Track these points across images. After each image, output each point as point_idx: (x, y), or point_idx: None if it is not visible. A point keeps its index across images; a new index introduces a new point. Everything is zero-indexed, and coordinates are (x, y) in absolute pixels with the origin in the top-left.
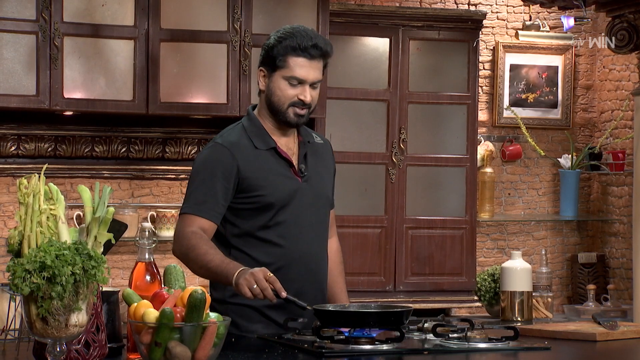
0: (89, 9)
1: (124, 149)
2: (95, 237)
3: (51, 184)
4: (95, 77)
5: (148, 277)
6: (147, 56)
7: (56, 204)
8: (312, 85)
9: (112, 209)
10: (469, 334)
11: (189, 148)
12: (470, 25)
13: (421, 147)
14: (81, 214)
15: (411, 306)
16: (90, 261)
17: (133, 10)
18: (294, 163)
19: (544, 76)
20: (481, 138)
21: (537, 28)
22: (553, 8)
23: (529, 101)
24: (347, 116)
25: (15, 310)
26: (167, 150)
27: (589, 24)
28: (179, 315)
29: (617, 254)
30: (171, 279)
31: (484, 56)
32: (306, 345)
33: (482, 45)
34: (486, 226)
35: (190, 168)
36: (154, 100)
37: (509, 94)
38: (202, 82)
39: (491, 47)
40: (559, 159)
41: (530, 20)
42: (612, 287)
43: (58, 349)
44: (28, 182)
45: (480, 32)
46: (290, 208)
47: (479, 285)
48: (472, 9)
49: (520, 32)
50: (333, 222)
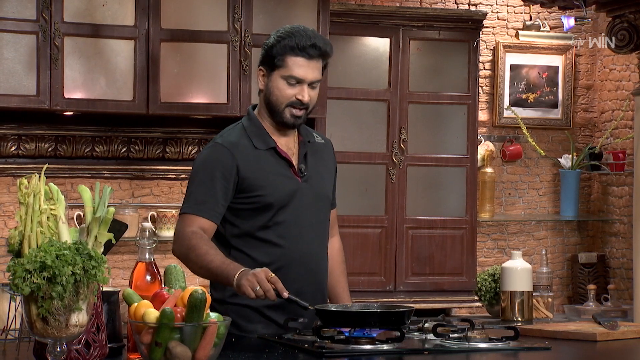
0: (89, 9)
1: (124, 149)
2: (96, 237)
3: (51, 184)
4: (96, 77)
5: (148, 277)
6: (147, 56)
7: (56, 204)
8: (311, 85)
9: (112, 209)
10: (469, 334)
11: (189, 148)
12: (470, 25)
13: (421, 147)
14: (81, 214)
15: (413, 306)
16: (91, 261)
17: (133, 10)
18: (294, 163)
19: (544, 76)
20: (481, 138)
21: (538, 28)
22: (553, 8)
23: (529, 101)
24: (347, 116)
25: (15, 310)
26: (168, 150)
27: (589, 24)
28: (179, 315)
29: (617, 254)
30: (171, 279)
31: (485, 56)
32: (306, 345)
33: (482, 45)
34: (486, 226)
35: (190, 168)
36: (154, 100)
37: (510, 94)
38: (203, 82)
39: (491, 47)
40: (559, 159)
41: (531, 20)
42: (612, 287)
43: (58, 349)
44: (28, 182)
45: (481, 32)
46: (290, 208)
47: (479, 285)
48: (473, 9)
49: (520, 32)
50: (335, 222)
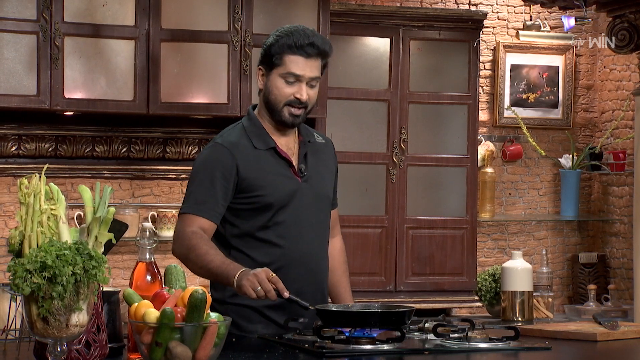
0: (89, 9)
1: (124, 149)
2: (96, 237)
3: (52, 184)
4: (96, 77)
5: (149, 277)
6: (147, 56)
7: (57, 204)
8: (309, 84)
9: (112, 209)
10: (469, 334)
11: (190, 148)
12: (470, 25)
13: (422, 147)
14: (82, 214)
15: (413, 306)
16: (91, 261)
17: (134, 10)
18: (294, 163)
19: (544, 76)
20: (482, 138)
21: (538, 28)
22: (554, 8)
23: (529, 101)
24: (347, 116)
25: (16, 310)
26: (168, 150)
27: (589, 24)
28: (179, 315)
29: (617, 254)
30: (172, 279)
31: (485, 56)
32: (307, 345)
33: (482, 45)
34: (487, 226)
35: (190, 168)
36: (154, 100)
37: (510, 94)
38: (203, 82)
39: (492, 47)
40: (559, 159)
41: (531, 20)
42: (612, 287)
43: (59, 349)
44: (29, 182)
45: (481, 32)
46: (290, 208)
47: (479, 285)
48: (473, 9)
49: (520, 32)
50: (336, 222)
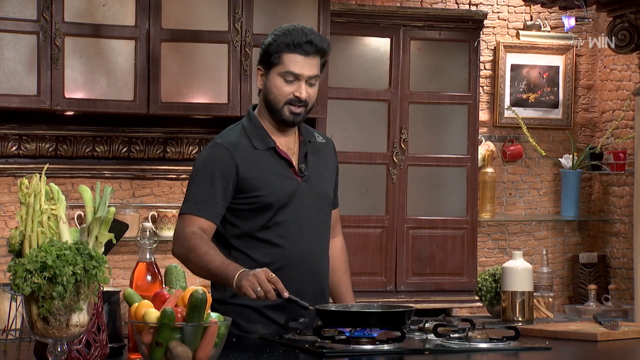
0: (89, 9)
1: (125, 149)
2: (97, 237)
3: (52, 184)
4: (96, 77)
5: (149, 277)
6: (148, 56)
7: (57, 204)
8: (309, 82)
9: (113, 209)
10: (470, 334)
11: (190, 148)
12: (471, 25)
13: (422, 147)
14: (82, 214)
15: (413, 306)
16: (91, 261)
17: (134, 10)
18: (294, 163)
19: (545, 76)
20: (482, 138)
21: (538, 28)
22: (554, 8)
23: (530, 101)
24: (348, 116)
25: (16, 310)
26: (168, 150)
27: (590, 24)
28: (180, 315)
29: (618, 254)
30: (172, 279)
31: (485, 56)
32: (307, 345)
33: (483, 45)
34: (487, 226)
35: (191, 168)
36: (154, 100)
37: (510, 94)
38: (203, 82)
39: (492, 47)
40: (560, 159)
41: (531, 20)
42: (613, 287)
43: (59, 349)
44: (29, 182)
45: (481, 32)
46: (290, 208)
47: (480, 285)
48: (473, 9)
49: (521, 32)
50: (337, 222)
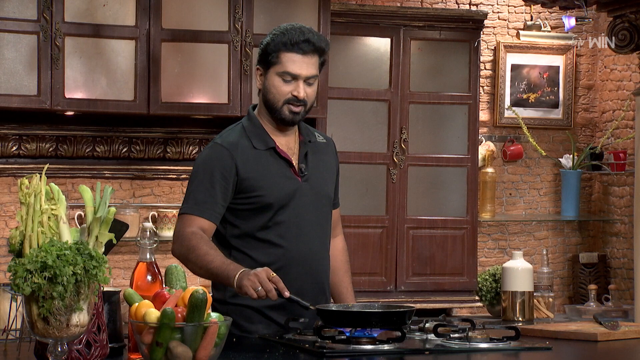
0: (90, 9)
1: (125, 149)
2: (97, 237)
3: (52, 184)
4: (97, 77)
5: (149, 277)
6: (148, 56)
7: (57, 204)
8: (307, 82)
9: (113, 209)
10: (470, 334)
11: (190, 148)
12: (471, 25)
13: (422, 147)
14: (82, 214)
15: (414, 306)
16: (92, 261)
17: (134, 10)
18: (294, 163)
19: (545, 76)
20: (482, 138)
21: (539, 28)
22: (554, 8)
23: (530, 101)
24: (348, 116)
25: (16, 310)
26: (169, 150)
27: (590, 24)
28: (180, 315)
29: (618, 254)
30: (172, 279)
31: (485, 56)
32: (307, 345)
33: (483, 45)
34: (487, 226)
35: (191, 168)
36: (155, 101)
37: (510, 94)
38: (203, 82)
39: (492, 47)
40: (560, 159)
41: (532, 20)
42: (613, 287)
43: (59, 349)
44: (29, 182)
45: (482, 32)
46: (290, 208)
47: (480, 285)
48: (474, 9)
49: (521, 32)
50: (338, 221)
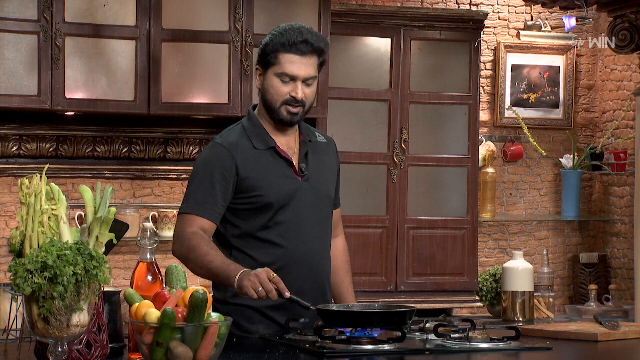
0: (90, 9)
1: (125, 149)
2: (97, 237)
3: (52, 184)
4: (97, 77)
5: (149, 277)
6: (148, 56)
7: (58, 204)
8: (305, 82)
9: (113, 209)
10: (470, 334)
11: (191, 148)
12: (471, 25)
13: (422, 147)
14: (83, 214)
15: (414, 306)
16: (92, 261)
17: (134, 11)
18: (294, 162)
19: (545, 76)
20: (482, 138)
21: (539, 28)
22: (554, 8)
23: (530, 101)
24: (348, 116)
25: (16, 310)
26: (169, 150)
27: (590, 24)
28: (180, 315)
29: (618, 254)
30: (172, 279)
31: (486, 56)
32: (307, 345)
33: (483, 45)
34: (487, 226)
35: (191, 168)
36: (155, 101)
37: (511, 94)
38: (204, 82)
39: (492, 47)
40: (560, 159)
41: (532, 20)
42: (613, 287)
43: (59, 349)
44: (29, 182)
45: (482, 32)
46: (290, 208)
47: (480, 285)
48: (474, 9)
49: (521, 32)
50: (339, 221)
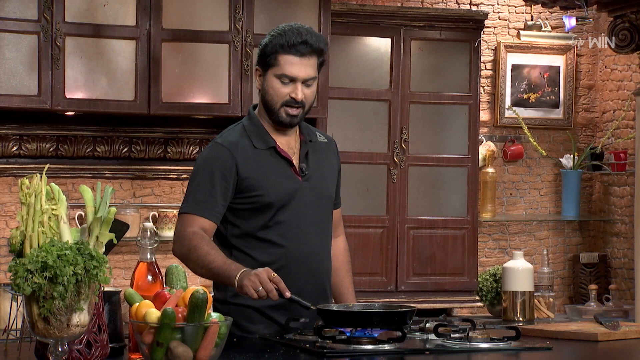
0: (90, 9)
1: (125, 149)
2: (97, 237)
3: (53, 184)
4: (97, 77)
5: (150, 277)
6: (148, 56)
7: (58, 204)
8: (305, 83)
9: (113, 209)
10: (470, 334)
11: (191, 148)
12: (471, 25)
13: (423, 147)
14: (83, 214)
15: (414, 306)
16: (92, 261)
17: (135, 10)
18: (295, 162)
19: (545, 76)
20: (483, 138)
21: (539, 28)
22: (555, 8)
23: (530, 101)
24: (348, 116)
25: (17, 310)
26: (169, 150)
27: (590, 24)
28: (180, 315)
29: (618, 254)
30: (173, 279)
31: (486, 56)
32: (308, 346)
33: (483, 45)
34: (488, 226)
35: (191, 168)
36: (155, 101)
37: (511, 94)
38: (204, 82)
39: (493, 47)
40: (560, 159)
41: (532, 20)
42: (613, 287)
43: (60, 349)
44: (30, 182)
45: (482, 32)
46: (291, 207)
47: (480, 286)
48: (474, 9)
49: (521, 32)
50: (340, 222)
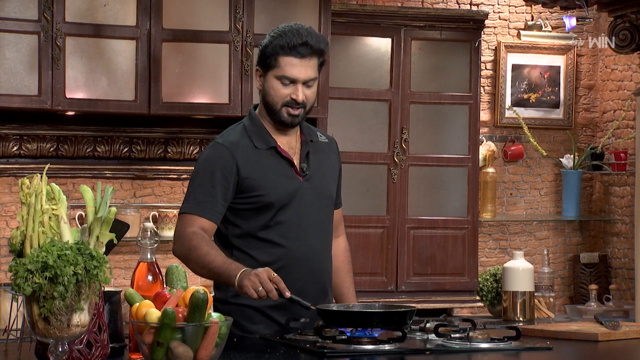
0: (90, 9)
1: (126, 149)
2: (97, 237)
3: (53, 184)
4: (97, 77)
5: (150, 277)
6: (149, 56)
7: (58, 204)
8: (306, 84)
9: (114, 209)
10: (471, 334)
11: (191, 148)
12: (472, 25)
13: (423, 147)
14: (83, 214)
15: (414, 306)
16: (92, 261)
17: (135, 11)
18: (296, 162)
19: (546, 76)
20: (483, 138)
21: (539, 28)
22: (555, 8)
23: (530, 101)
24: (349, 116)
25: (17, 310)
26: (169, 150)
27: (590, 24)
28: (181, 315)
29: (619, 254)
30: (173, 279)
31: (486, 56)
32: (308, 346)
33: (484, 45)
34: (488, 226)
35: (192, 168)
36: (155, 101)
37: (511, 94)
38: (204, 82)
39: (493, 47)
40: (561, 159)
41: (532, 20)
42: (614, 287)
43: (60, 349)
44: (30, 182)
45: (482, 32)
46: (291, 207)
47: (480, 286)
48: (474, 9)
49: (522, 32)
50: (341, 222)
